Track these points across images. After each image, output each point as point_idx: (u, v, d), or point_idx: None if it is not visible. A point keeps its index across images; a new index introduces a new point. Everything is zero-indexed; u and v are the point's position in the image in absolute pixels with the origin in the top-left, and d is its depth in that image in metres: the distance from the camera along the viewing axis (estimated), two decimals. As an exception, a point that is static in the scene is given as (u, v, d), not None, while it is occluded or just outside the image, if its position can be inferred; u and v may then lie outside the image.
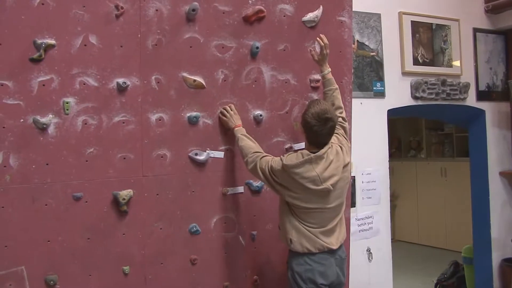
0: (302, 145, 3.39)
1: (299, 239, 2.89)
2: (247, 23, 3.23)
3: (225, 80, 3.19)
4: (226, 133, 3.19)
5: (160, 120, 3.02)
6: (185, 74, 3.07)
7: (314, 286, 2.88)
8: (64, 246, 2.81)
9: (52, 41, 2.74)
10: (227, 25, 3.18)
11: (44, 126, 2.74)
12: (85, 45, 2.82)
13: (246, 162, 2.98)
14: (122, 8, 2.88)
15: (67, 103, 2.78)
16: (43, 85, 2.74)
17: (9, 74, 2.68)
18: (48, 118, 2.75)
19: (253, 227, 3.30)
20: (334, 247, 2.94)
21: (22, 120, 2.71)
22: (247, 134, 3.07)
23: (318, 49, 3.24)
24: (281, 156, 2.94)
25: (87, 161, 2.85)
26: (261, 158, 2.94)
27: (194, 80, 3.09)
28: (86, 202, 2.85)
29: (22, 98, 2.70)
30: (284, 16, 3.36)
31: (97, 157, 2.86)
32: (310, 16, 3.43)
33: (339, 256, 3.01)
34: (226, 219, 3.22)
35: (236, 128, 3.08)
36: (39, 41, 2.71)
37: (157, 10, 2.98)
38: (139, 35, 2.95)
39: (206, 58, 3.13)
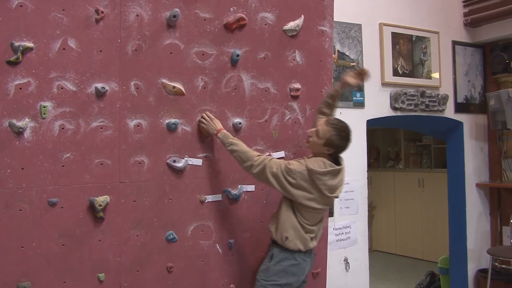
0: (281, 154, 3.41)
1: (294, 239, 3.03)
2: (228, 31, 3.25)
3: (205, 87, 3.19)
4: (204, 140, 3.19)
5: (138, 126, 3.00)
6: (164, 81, 3.07)
7: (294, 280, 3.09)
8: (38, 252, 2.77)
9: (30, 44, 2.71)
10: (208, 32, 3.18)
11: (20, 130, 2.70)
12: (64, 49, 2.80)
13: (249, 166, 3.01)
14: (102, 12, 2.87)
15: (44, 107, 2.75)
16: (20, 88, 2.70)
17: None
18: (25, 122, 2.71)
19: (231, 235, 3.30)
20: (315, 246, 3.19)
21: None
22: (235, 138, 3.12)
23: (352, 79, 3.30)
24: (293, 162, 3.04)
25: (63, 166, 2.82)
26: (269, 161, 3.01)
27: (174, 87, 3.08)
28: (62, 207, 2.82)
29: None
30: (265, 24, 3.37)
31: (73, 162, 2.83)
32: (291, 25, 3.45)
33: (313, 255, 3.24)
34: (203, 227, 3.21)
35: (221, 132, 3.09)
36: (17, 44, 2.68)
37: (137, 15, 2.97)
38: (119, 40, 2.93)
39: (186, 64, 3.13)
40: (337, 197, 3.12)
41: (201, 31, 3.16)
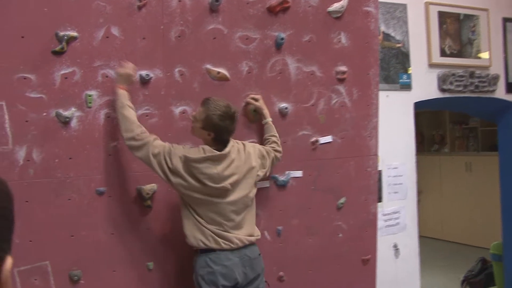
0: (329, 138, 3.33)
1: (192, 232, 2.71)
2: (271, 14, 3.17)
3: (249, 72, 3.13)
4: (251, 125, 3.12)
5: (183, 113, 2.97)
6: (208, 66, 3.02)
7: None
8: (87, 241, 2.78)
9: (74, 33, 2.71)
10: (251, 15, 3.12)
11: (67, 119, 2.71)
12: (107, 37, 2.78)
13: (130, 139, 2.65)
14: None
15: (89, 96, 2.75)
16: (66, 78, 2.71)
17: (31, 67, 2.66)
18: (71, 112, 2.72)
19: (279, 222, 3.24)
20: (238, 245, 2.74)
21: (44, 113, 2.69)
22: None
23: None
24: (177, 146, 2.74)
25: (110, 155, 2.82)
26: (153, 141, 2.68)
27: (218, 72, 3.04)
28: (110, 196, 2.82)
29: (45, 91, 2.68)
30: (309, 6, 3.28)
31: (120, 150, 2.82)
32: (335, 6, 3.35)
33: (247, 256, 2.77)
34: None
35: (122, 91, 2.72)
36: (61, 33, 2.68)
37: (180, 1, 2.93)
38: (162, 27, 2.90)
39: (230, 49, 3.07)
40: (226, 188, 2.70)
41: (244, 15, 3.10)
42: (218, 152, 2.69)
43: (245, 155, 2.80)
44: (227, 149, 2.71)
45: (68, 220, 2.74)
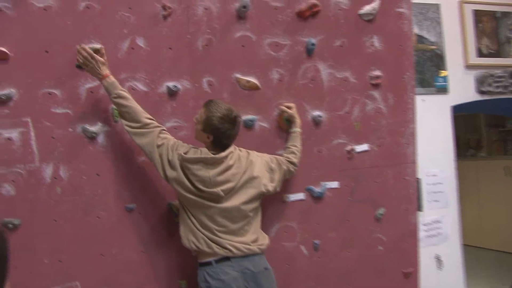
0: (365, 146, 3.20)
1: (186, 234, 2.60)
2: (301, 19, 3.07)
3: (280, 80, 3.03)
4: (284, 136, 3.01)
5: None
6: (238, 75, 2.93)
7: None
8: (118, 259, 2.72)
9: (98, 46, 2.64)
10: (280, 21, 3.02)
11: (94, 135, 2.66)
12: (133, 48, 2.73)
13: (135, 127, 2.56)
14: (169, 8, 2.77)
15: (116, 110, 2.67)
16: (91, 92, 2.67)
17: (56, 82, 2.63)
18: (98, 127, 2.67)
19: (316, 236, 3.11)
20: (233, 252, 2.56)
21: (71, 129, 2.65)
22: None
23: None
24: (182, 143, 2.63)
25: (139, 170, 2.75)
26: (160, 131, 2.59)
27: (248, 81, 2.95)
28: (140, 213, 2.76)
29: (70, 106, 2.65)
30: (340, 9, 3.17)
31: (149, 165, 2.73)
32: (367, 8, 3.23)
33: (248, 270, 2.57)
34: (287, 228, 3.06)
35: (107, 79, 2.56)
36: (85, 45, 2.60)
37: (206, 8, 2.85)
38: (188, 36, 2.83)
39: (260, 57, 2.98)
40: (217, 194, 2.54)
41: (273, 21, 3.01)
42: (212, 155, 2.55)
43: (246, 164, 2.65)
44: (223, 154, 2.58)
45: (98, 238, 2.69)
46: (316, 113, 3.09)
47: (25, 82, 2.57)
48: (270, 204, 2.99)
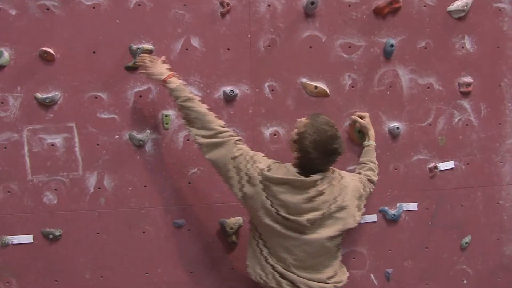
0: (451, 164, 2.92)
1: (252, 264, 2.34)
2: (378, 17, 2.82)
3: (353, 86, 2.81)
4: (357, 149, 2.78)
5: (275, 135, 2.73)
6: (304, 80, 2.75)
7: None
8: (164, 279, 2.66)
9: (149, 46, 2.54)
10: (354, 19, 2.79)
11: (141, 142, 2.56)
12: (187, 49, 2.60)
13: (205, 137, 2.27)
14: (228, 4, 2.61)
15: (166, 116, 2.57)
16: (140, 96, 2.57)
17: (103, 85, 2.54)
18: (146, 134, 2.56)
19: (388, 264, 2.89)
20: None
21: (117, 136, 2.56)
22: None
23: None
24: (262, 156, 2.33)
25: (190, 183, 2.64)
26: (236, 141, 2.30)
27: (316, 87, 2.74)
28: (189, 230, 2.67)
29: (117, 111, 2.56)
30: (425, 6, 2.89)
31: (201, 178, 2.64)
32: (457, 4, 2.94)
33: None
34: (355, 254, 2.86)
35: (172, 79, 2.34)
36: (135, 47, 2.51)
37: (269, 5, 2.67)
38: (249, 36, 2.66)
39: (330, 60, 2.77)
40: (301, 223, 2.20)
41: (346, 19, 2.78)
42: (301, 178, 2.22)
43: (338, 189, 2.30)
44: (315, 177, 2.22)
45: (143, 255, 2.62)
46: (394, 124, 2.86)
47: (71, 85, 2.50)
48: None
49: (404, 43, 2.85)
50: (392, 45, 2.80)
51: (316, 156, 2.18)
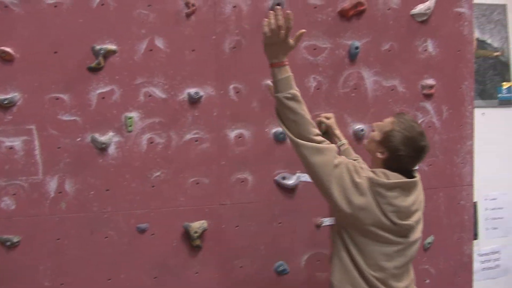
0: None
1: (341, 283, 2.22)
2: (343, 19, 2.88)
3: (318, 88, 2.85)
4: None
5: (240, 137, 2.75)
6: (269, 82, 2.70)
7: None
8: (127, 285, 2.64)
9: (113, 47, 2.53)
10: (319, 22, 2.84)
11: (104, 145, 2.54)
12: (151, 50, 2.60)
13: (307, 139, 2.14)
14: (193, 5, 2.62)
15: (129, 118, 2.56)
16: (103, 97, 2.55)
17: (65, 86, 2.52)
18: (108, 137, 2.55)
19: None
20: None
21: (79, 139, 2.54)
22: None
23: None
24: (357, 163, 2.24)
25: (153, 186, 2.64)
26: (334, 147, 2.23)
27: None
28: (153, 234, 2.66)
29: (79, 113, 2.54)
30: (389, 9, 2.96)
31: (165, 181, 2.64)
32: (420, 8, 3.02)
33: None
34: (320, 256, 2.88)
35: (285, 68, 2.20)
36: (98, 47, 2.50)
37: (235, 6, 2.70)
38: (214, 37, 2.68)
39: (295, 62, 2.74)
40: (411, 226, 2.21)
41: (312, 21, 2.82)
42: (410, 179, 2.21)
43: (421, 185, 2.34)
44: (417, 176, 2.26)
45: (105, 260, 2.59)
46: (359, 126, 2.91)
47: (31, 85, 2.46)
48: (301, 228, 2.85)
49: (369, 45, 2.91)
50: (357, 47, 2.86)
51: (407, 153, 2.18)
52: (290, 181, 2.79)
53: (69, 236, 2.53)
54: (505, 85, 4.01)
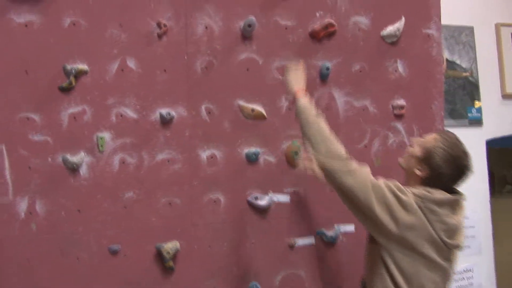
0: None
1: None
2: (314, 40, 2.93)
3: (290, 109, 2.86)
4: (292, 172, 2.83)
5: (212, 157, 2.75)
6: (241, 103, 2.80)
7: None
8: None
9: (84, 66, 2.53)
10: (290, 42, 2.88)
11: (75, 166, 2.52)
12: (122, 70, 2.60)
13: (338, 159, 2.18)
14: (165, 26, 2.64)
15: (101, 138, 2.55)
16: (74, 117, 2.54)
17: (35, 106, 2.49)
18: (80, 157, 2.53)
19: (328, 287, 2.93)
20: None
21: (50, 159, 2.51)
22: None
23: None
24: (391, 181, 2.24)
25: (125, 207, 2.60)
26: (367, 166, 2.24)
27: (253, 110, 2.80)
28: (125, 255, 2.60)
29: (50, 133, 2.51)
30: (359, 30, 3.03)
31: (137, 202, 2.61)
32: (390, 29, 3.08)
33: None
34: (294, 277, 2.88)
35: (304, 98, 2.36)
36: (69, 67, 2.50)
37: (206, 27, 2.73)
38: (185, 57, 2.70)
39: (267, 82, 2.84)
40: (459, 245, 2.21)
41: (283, 42, 2.87)
42: (458, 197, 2.23)
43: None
44: (463, 194, 2.27)
45: (77, 282, 2.53)
46: None
47: (0, 105, 2.44)
48: (274, 248, 2.84)
49: (340, 66, 2.96)
50: (328, 68, 2.90)
51: (449, 172, 2.19)
52: (263, 202, 2.79)
53: (39, 258, 2.47)
54: (476, 104, 4.11)
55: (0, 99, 2.44)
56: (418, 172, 2.24)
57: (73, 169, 2.51)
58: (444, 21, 3.51)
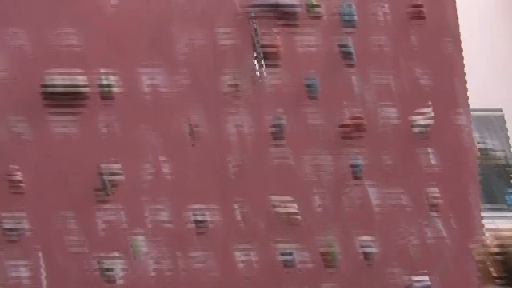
0: (425, 278, 2.91)
1: None
2: (345, 137, 2.96)
3: (323, 207, 2.87)
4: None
5: (247, 259, 2.75)
6: (275, 203, 2.82)
7: None
8: None
9: (121, 177, 2.63)
10: (321, 140, 2.93)
11: (110, 269, 2.55)
12: (156, 174, 2.68)
13: None
14: (197, 129, 2.74)
15: (136, 241, 2.59)
16: (109, 221, 2.60)
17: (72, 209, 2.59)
18: (115, 260, 2.56)
19: None
20: None
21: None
22: None
23: None
24: None
25: None
26: None
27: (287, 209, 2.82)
28: None
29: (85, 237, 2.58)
30: (388, 123, 3.04)
31: None
32: (419, 120, 3.06)
33: None
34: None
35: None
36: (106, 177, 2.60)
37: (238, 130, 2.81)
38: (218, 160, 2.77)
39: (299, 181, 2.86)
40: None
41: (313, 141, 2.92)
42: None
43: None
44: None
45: None
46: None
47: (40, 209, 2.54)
48: None
49: (371, 159, 2.96)
50: (359, 163, 2.92)
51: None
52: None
53: None
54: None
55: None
56: (496, 276, 1.97)
57: (107, 273, 2.54)
58: (472, 102, 3.47)
